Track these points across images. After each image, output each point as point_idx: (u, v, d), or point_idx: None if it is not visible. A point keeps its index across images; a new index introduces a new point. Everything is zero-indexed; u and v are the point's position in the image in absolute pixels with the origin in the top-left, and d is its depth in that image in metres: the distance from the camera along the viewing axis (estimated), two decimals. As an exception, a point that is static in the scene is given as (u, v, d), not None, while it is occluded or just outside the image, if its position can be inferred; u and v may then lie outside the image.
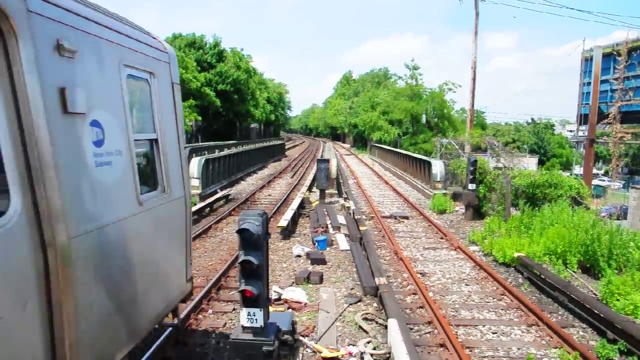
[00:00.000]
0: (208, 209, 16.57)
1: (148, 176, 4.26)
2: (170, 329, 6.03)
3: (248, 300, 4.45)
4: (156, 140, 4.37)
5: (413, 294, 8.77)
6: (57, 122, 2.83)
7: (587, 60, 23.12)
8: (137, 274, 3.89)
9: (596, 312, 7.25)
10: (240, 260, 4.36)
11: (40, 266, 2.67)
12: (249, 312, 4.49)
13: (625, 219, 16.68)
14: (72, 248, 2.84)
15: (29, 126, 2.60)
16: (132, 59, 3.91)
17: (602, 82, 22.22)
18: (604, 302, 7.97)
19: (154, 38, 4.56)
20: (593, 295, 8.51)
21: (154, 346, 5.56)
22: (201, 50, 48.80)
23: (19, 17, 2.48)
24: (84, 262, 3.03)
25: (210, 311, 7.63)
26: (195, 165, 18.93)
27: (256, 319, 4.51)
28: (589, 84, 22.61)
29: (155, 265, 4.38)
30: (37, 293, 2.66)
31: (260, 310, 4.49)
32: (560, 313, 7.99)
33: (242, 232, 4.32)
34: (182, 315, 6.53)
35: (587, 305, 7.50)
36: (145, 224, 4.03)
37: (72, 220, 2.88)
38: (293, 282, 9.05)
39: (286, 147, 61.34)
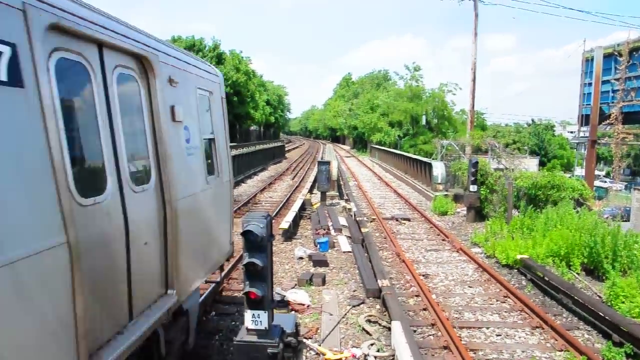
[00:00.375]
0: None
1: (209, 164, 5.66)
2: (214, 284, 7.68)
3: (252, 303, 4.42)
4: (213, 139, 5.87)
5: (416, 296, 8.73)
6: (170, 127, 4.33)
7: (588, 61, 23.10)
8: (207, 229, 5.55)
9: (601, 314, 7.20)
10: (244, 262, 4.33)
11: (162, 215, 4.20)
12: (253, 314, 4.46)
13: (628, 220, 16.64)
14: (178, 206, 4.33)
15: (159, 131, 4.14)
16: (200, 83, 5.50)
17: (604, 82, 22.19)
18: (609, 304, 7.92)
19: (211, 66, 6.29)
20: (597, 298, 8.46)
21: (205, 294, 7.36)
22: (200, 53, 48.84)
23: (155, 65, 4.12)
24: (183, 216, 4.45)
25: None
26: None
27: (261, 321, 4.48)
28: (590, 84, 22.60)
29: (215, 226, 5.92)
30: (160, 233, 4.18)
31: (265, 313, 4.47)
32: (564, 315, 7.94)
33: (246, 234, 4.29)
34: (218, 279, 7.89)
35: (592, 308, 7.46)
36: (209, 197, 5.54)
37: (178, 189, 4.39)
38: (296, 284, 9.00)
39: (286, 149, 61.33)
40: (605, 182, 45.22)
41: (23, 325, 2.43)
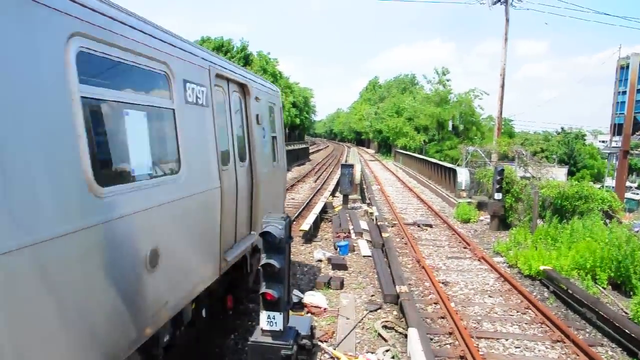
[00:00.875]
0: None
1: (274, 154, 8.13)
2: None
3: (268, 304, 4.46)
4: (275, 137, 8.30)
5: (434, 303, 8.64)
6: (255, 128, 6.71)
7: (623, 68, 22.44)
8: (272, 196, 7.95)
9: (627, 331, 6.99)
10: (262, 263, 4.38)
11: (250, 182, 6.55)
12: (269, 315, 4.50)
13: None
14: (259, 177, 6.70)
15: (250, 130, 6.57)
16: (269, 98, 7.99)
17: (639, 91, 21.50)
18: (636, 321, 7.66)
19: (274, 86, 9.19)
20: (624, 314, 8.20)
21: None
22: (228, 54, 49.51)
23: (250, 89, 6.59)
24: (263, 185, 6.87)
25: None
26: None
27: (276, 323, 4.52)
28: (624, 92, 21.93)
29: (276, 195, 8.43)
30: (249, 193, 6.59)
31: (280, 314, 4.50)
32: (587, 330, 7.73)
33: (264, 235, 4.34)
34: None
35: (617, 324, 7.24)
36: (274, 175, 8.01)
37: (259, 167, 6.74)
38: (313, 287, 9.04)
39: (310, 151, 61.47)
40: (638, 194, 43.71)
41: (202, 228, 4.88)
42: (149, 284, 3.65)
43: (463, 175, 21.12)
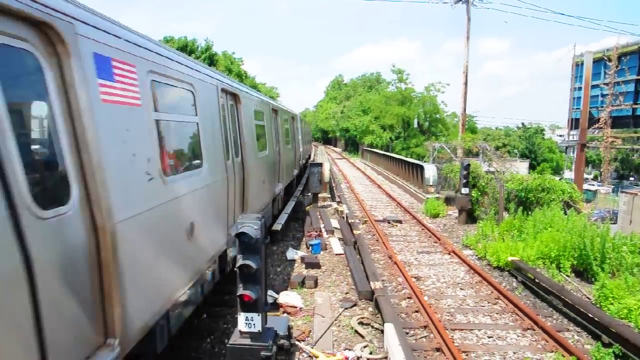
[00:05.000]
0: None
1: (296, 154, 17.93)
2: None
3: (246, 305, 4.40)
4: (297, 141, 18.55)
5: (408, 298, 8.75)
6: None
7: (578, 66, 23.37)
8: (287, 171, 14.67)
9: (591, 316, 7.28)
10: (238, 264, 4.31)
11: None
12: (247, 317, 4.44)
13: (616, 222, 16.83)
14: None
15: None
16: (287, 117, 16.28)
17: (593, 87, 22.45)
18: (598, 305, 8.01)
19: (292, 110, 20.08)
20: (587, 299, 8.55)
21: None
22: (193, 54, 48.63)
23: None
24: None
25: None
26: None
27: (254, 324, 4.46)
28: (579, 89, 22.85)
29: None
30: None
31: (259, 315, 4.45)
32: (555, 317, 8.01)
33: (240, 235, 4.28)
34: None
35: (582, 309, 7.54)
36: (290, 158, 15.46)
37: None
38: (288, 286, 8.99)
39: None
40: (594, 185, 45.72)
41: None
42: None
43: (430, 171, 21.50)
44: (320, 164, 18.45)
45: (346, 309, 8.00)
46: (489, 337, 7.16)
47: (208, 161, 5.69)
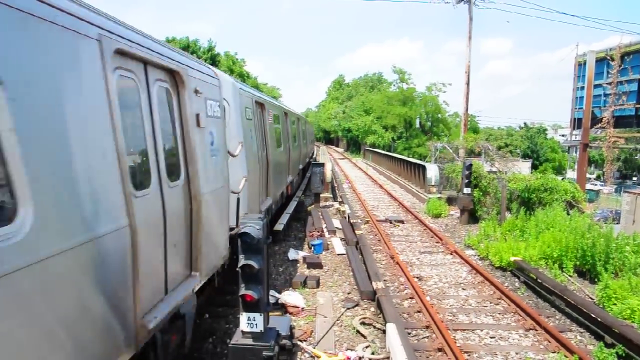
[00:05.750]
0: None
1: (305, 149, 21.69)
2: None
3: (248, 305, 4.40)
4: (305, 139, 22.22)
5: (410, 298, 8.74)
6: (292, 135, 15.91)
7: (581, 65, 23.34)
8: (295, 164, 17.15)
9: (593, 316, 7.26)
10: (240, 264, 4.31)
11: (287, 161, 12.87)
12: (249, 317, 4.44)
13: (619, 222, 16.75)
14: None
15: (292, 140, 14.53)
16: (294, 119, 17.87)
17: (596, 86, 22.42)
18: (601, 306, 7.99)
19: (300, 114, 22.64)
20: (590, 300, 8.53)
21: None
22: (195, 55, 48.67)
23: (287, 115, 14.91)
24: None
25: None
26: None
27: (256, 324, 4.46)
28: (582, 88, 22.80)
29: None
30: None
31: (261, 315, 4.45)
32: (557, 317, 7.99)
33: (242, 235, 4.28)
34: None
35: (585, 310, 7.52)
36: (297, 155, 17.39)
37: (294, 157, 14.71)
38: (290, 286, 8.99)
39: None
40: (596, 185, 45.54)
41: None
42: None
43: (432, 171, 21.48)
44: (322, 164, 18.45)
45: (348, 309, 8.00)
46: (491, 338, 7.15)
47: (248, 153, 8.05)
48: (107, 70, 3.23)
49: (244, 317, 4.50)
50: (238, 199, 6.70)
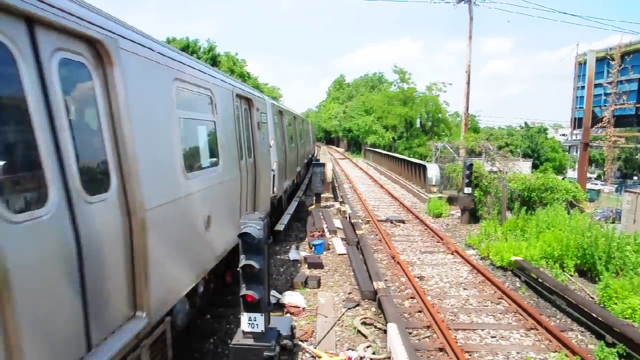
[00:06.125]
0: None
1: (308, 149, 27.50)
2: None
3: (249, 305, 4.41)
4: (309, 139, 27.79)
5: (411, 298, 8.75)
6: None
7: (581, 65, 23.32)
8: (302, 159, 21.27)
9: (594, 315, 7.26)
10: (241, 264, 4.32)
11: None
12: (250, 317, 4.45)
13: (619, 222, 16.75)
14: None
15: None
16: (300, 120, 22.31)
17: (596, 86, 22.41)
18: (602, 305, 7.98)
19: (308, 119, 35.89)
20: (591, 299, 8.52)
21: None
22: (195, 55, 48.70)
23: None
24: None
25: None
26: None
27: (257, 324, 4.47)
28: (582, 87, 22.80)
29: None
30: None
31: (262, 315, 4.46)
32: (558, 317, 7.99)
33: (243, 236, 4.28)
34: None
35: (586, 309, 7.51)
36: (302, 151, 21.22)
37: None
38: (291, 287, 8.99)
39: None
40: (597, 184, 45.56)
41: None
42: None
43: (433, 171, 21.48)
44: (323, 164, 18.45)
45: (349, 309, 8.00)
46: (492, 337, 7.15)
47: (277, 150, 11.75)
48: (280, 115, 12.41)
49: (245, 317, 4.50)
50: (274, 175, 10.51)
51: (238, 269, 4.43)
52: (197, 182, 4.96)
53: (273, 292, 8.29)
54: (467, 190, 15.44)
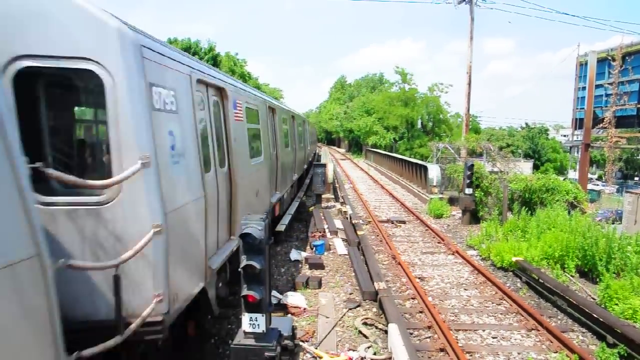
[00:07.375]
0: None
1: (305, 149, 22.03)
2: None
3: (250, 306, 4.42)
4: (306, 139, 23.91)
5: (412, 298, 8.75)
6: (299, 136, 18.98)
7: (582, 65, 23.32)
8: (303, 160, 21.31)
9: (595, 316, 7.26)
10: (242, 265, 4.33)
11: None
12: (251, 318, 4.46)
13: (620, 222, 16.73)
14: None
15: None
16: (300, 121, 20.49)
17: (597, 86, 22.40)
18: (603, 306, 7.98)
19: (306, 119, 28.88)
20: (592, 300, 8.52)
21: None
22: (196, 55, 48.78)
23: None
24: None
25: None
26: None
27: (258, 325, 4.48)
28: (583, 88, 22.79)
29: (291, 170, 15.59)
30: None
31: (263, 316, 4.47)
32: (559, 317, 7.99)
33: (244, 236, 4.30)
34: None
35: (586, 310, 7.52)
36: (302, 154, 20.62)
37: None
38: (292, 287, 9.00)
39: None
40: (598, 185, 45.53)
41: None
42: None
43: (434, 172, 21.48)
44: (324, 165, 18.44)
45: (350, 309, 8.01)
46: (493, 338, 7.15)
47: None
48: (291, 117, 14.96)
49: (246, 318, 4.51)
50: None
51: (239, 269, 4.44)
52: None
53: (274, 293, 8.30)
54: (468, 190, 15.43)
